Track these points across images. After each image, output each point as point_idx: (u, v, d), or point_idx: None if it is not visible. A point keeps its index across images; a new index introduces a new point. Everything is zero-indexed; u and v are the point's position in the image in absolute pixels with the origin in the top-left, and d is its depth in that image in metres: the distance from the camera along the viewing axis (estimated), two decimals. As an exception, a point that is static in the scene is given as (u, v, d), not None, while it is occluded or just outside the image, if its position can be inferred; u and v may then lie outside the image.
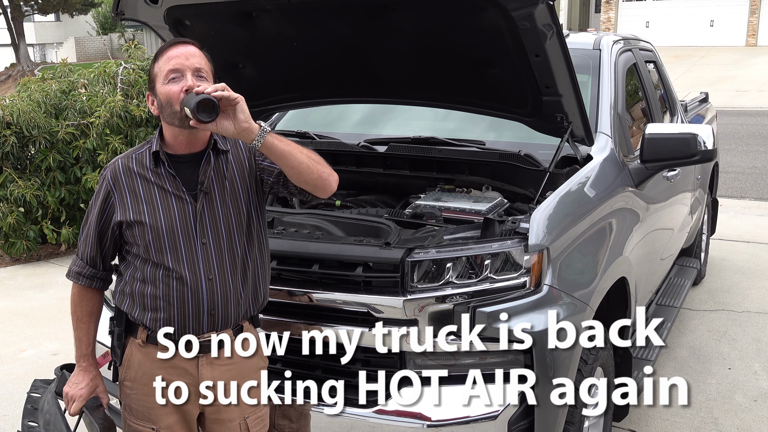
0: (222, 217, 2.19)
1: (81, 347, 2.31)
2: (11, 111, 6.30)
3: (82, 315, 2.30)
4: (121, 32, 36.77)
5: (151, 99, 2.20)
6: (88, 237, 2.25)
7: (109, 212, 2.21)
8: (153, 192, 2.18)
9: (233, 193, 2.22)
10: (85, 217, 2.27)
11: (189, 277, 2.14)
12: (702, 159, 3.43)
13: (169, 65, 2.13)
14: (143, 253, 2.17)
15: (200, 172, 2.19)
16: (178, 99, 2.08)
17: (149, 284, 2.17)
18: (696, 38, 24.66)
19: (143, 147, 2.25)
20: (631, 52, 4.18)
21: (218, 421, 2.24)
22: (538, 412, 2.48)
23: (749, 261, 6.18)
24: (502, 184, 3.28)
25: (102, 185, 2.23)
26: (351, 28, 2.99)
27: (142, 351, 2.21)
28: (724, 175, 8.62)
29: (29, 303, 5.63)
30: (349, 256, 2.54)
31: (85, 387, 2.30)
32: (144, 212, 2.16)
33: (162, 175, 2.19)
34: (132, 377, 2.24)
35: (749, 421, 3.73)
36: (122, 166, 2.22)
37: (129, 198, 2.18)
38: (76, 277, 2.28)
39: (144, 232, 2.16)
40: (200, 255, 2.16)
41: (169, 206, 2.17)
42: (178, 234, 2.15)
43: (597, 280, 2.82)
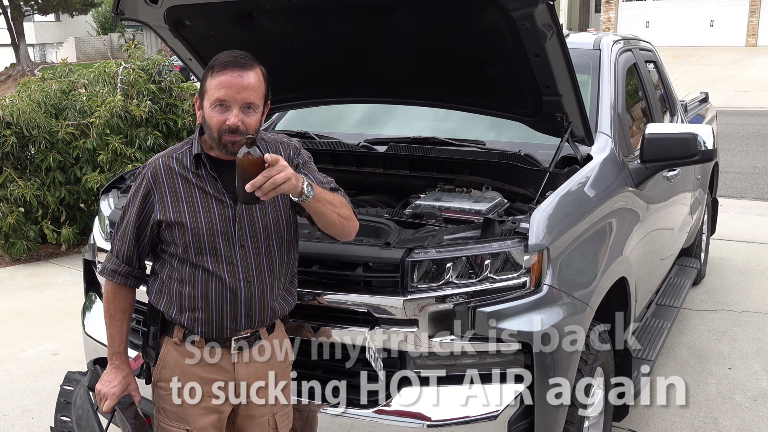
0: (260, 221, 2.22)
1: (114, 345, 2.28)
2: (11, 111, 6.30)
3: (116, 312, 2.27)
4: (121, 32, 36.79)
5: (198, 105, 2.20)
6: (126, 234, 2.22)
7: (148, 210, 2.20)
8: (194, 193, 2.18)
9: (273, 199, 2.20)
10: (122, 215, 2.25)
11: (228, 279, 2.17)
12: (702, 159, 3.43)
13: (218, 93, 2.10)
14: (182, 253, 2.17)
15: None
16: (218, 128, 2.10)
17: (187, 284, 2.18)
18: (696, 38, 24.67)
19: (183, 147, 2.24)
20: (631, 52, 4.18)
21: (249, 417, 2.30)
22: (538, 412, 2.48)
23: (749, 261, 6.18)
24: (502, 184, 3.28)
25: (141, 183, 2.21)
26: (351, 28, 2.99)
27: (179, 350, 2.22)
28: (724, 175, 8.62)
29: (29, 303, 5.63)
30: (349, 256, 2.54)
31: (117, 385, 2.27)
32: (185, 213, 2.16)
33: (203, 177, 2.19)
34: (167, 377, 2.23)
35: (749, 421, 3.73)
36: (163, 165, 2.21)
37: (169, 198, 2.18)
38: (111, 275, 2.25)
39: (184, 233, 2.16)
40: (239, 257, 2.19)
41: (209, 208, 2.18)
42: (218, 236, 2.17)
43: (597, 280, 2.82)
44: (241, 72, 2.11)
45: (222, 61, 2.13)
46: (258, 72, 2.16)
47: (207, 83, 2.14)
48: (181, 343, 2.22)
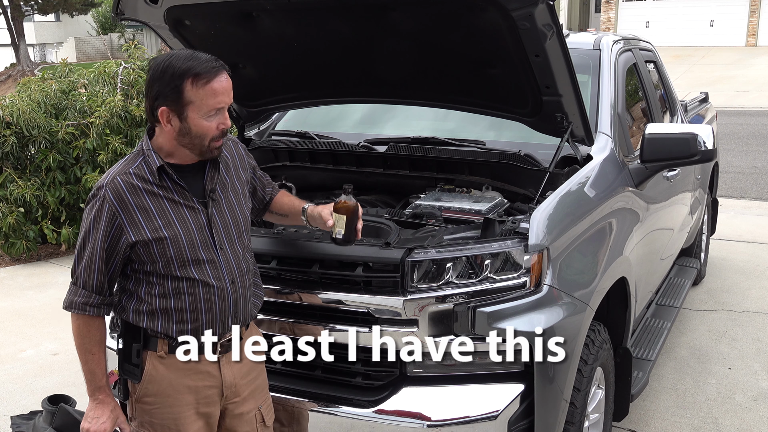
0: (230, 221, 2.23)
1: (95, 380, 2.18)
2: (11, 111, 6.30)
3: (92, 346, 2.17)
4: (121, 32, 36.78)
5: (168, 117, 2.08)
6: (93, 264, 2.11)
7: (115, 235, 2.09)
8: (164, 206, 2.12)
9: (234, 197, 2.26)
10: (81, 244, 2.13)
11: (215, 284, 2.17)
12: (702, 159, 3.43)
13: (215, 101, 2.06)
14: (162, 269, 2.12)
15: (206, 180, 2.19)
16: (211, 135, 2.09)
17: (172, 298, 2.14)
18: (696, 38, 24.67)
19: (136, 160, 2.14)
20: (631, 52, 4.18)
21: (238, 415, 2.30)
22: (538, 412, 2.48)
23: (749, 261, 6.18)
24: (502, 184, 3.28)
25: (103, 208, 2.08)
26: (351, 28, 2.99)
27: (165, 363, 2.18)
28: (724, 175, 8.62)
29: (29, 303, 5.63)
30: (349, 256, 2.54)
31: (107, 420, 2.19)
32: (161, 228, 2.10)
33: (169, 188, 2.13)
34: (155, 391, 2.19)
35: (749, 421, 3.73)
36: (124, 183, 2.09)
37: (140, 216, 2.09)
38: (82, 308, 2.13)
39: (164, 248, 2.10)
40: (221, 260, 2.19)
41: (183, 217, 2.14)
42: (198, 244, 2.15)
43: (597, 280, 2.82)
44: (222, 74, 2.09)
45: (205, 68, 2.06)
46: (227, 72, 2.15)
47: (191, 93, 2.04)
48: (167, 356, 2.18)
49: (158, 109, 2.07)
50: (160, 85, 2.06)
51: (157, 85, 2.06)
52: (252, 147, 3.70)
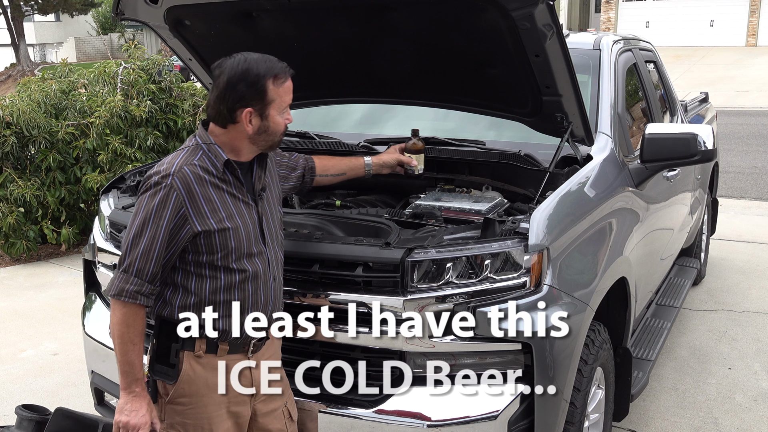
0: (272, 221, 2.32)
1: (133, 372, 2.14)
2: (11, 111, 6.30)
3: (134, 336, 2.12)
4: (121, 32, 36.80)
5: (250, 117, 2.17)
6: (152, 252, 2.09)
7: (179, 224, 2.10)
8: (225, 198, 2.18)
9: (273, 195, 2.38)
10: (139, 231, 2.10)
11: (262, 281, 2.24)
12: (702, 159, 3.43)
13: (288, 98, 2.22)
14: (220, 260, 2.15)
15: (255, 178, 2.28)
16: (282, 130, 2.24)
17: (224, 291, 2.17)
18: (696, 38, 24.67)
19: (197, 153, 2.18)
20: (631, 52, 4.18)
21: (268, 413, 2.35)
22: (538, 412, 2.48)
23: (749, 261, 6.18)
24: (502, 184, 3.28)
25: (170, 196, 2.09)
26: (351, 28, 2.99)
27: (201, 362, 2.20)
28: (724, 175, 8.62)
29: (29, 303, 5.63)
30: (349, 256, 2.54)
31: (146, 413, 2.15)
32: (224, 219, 2.15)
33: (230, 182, 2.20)
34: (190, 392, 2.20)
35: (749, 421, 3.73)
36: (192, 174, 2.12)
37: (206, 207, 2.13)
38: (133, 296, 2.10)
39: (227, 239, 2.14)
40: (268, 256, 2.26)
41: (241, 212, 2.21)
42: (252, 238, 2.21)
43: (597, 280, 2.82)
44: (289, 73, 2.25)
45: (281, 67, 2.21)
46: None
47: (273, 92, 2.18)
48: (204, 355, 2.20)
49: (241, 111, 2.16)
50: (243, 87, 2.15)
51: (240, 87, 2.15)
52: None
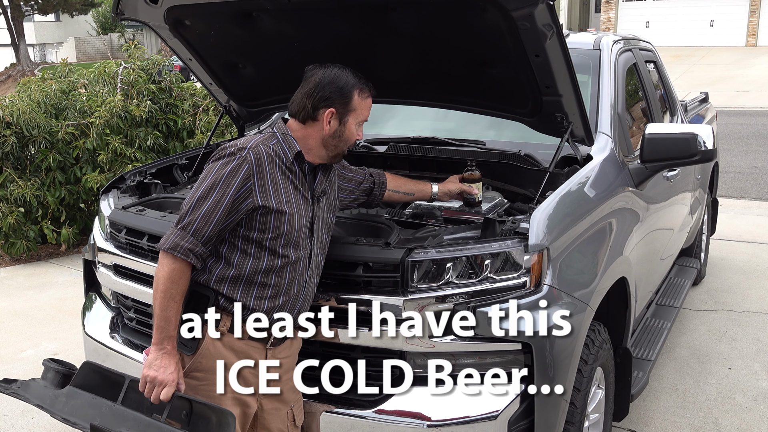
0: (323, 225, 2.40)
1: (169, 328, 2.16)
2: (11, 111, 6.30)
3: (176, 294, 2.17)
4: (121, 32, 36.80)
5: (331, 118, 2.34)
6: (213, 215, 2.16)
7: (244, 194, 2.19)
8: (288, 186, 2.28)
9: (330, 204, 2.47)
10: (205, 194, 2.18)
11: (300, 273, 2.30)
12: (702, 159, 3.43)
13: (367, 113, 2.40)
14: (269, 242, 2.22)
15: (317, 183, 2.39)
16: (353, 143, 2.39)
17: (261, 273, 2.24)
18: (696, 38, 24.67)
19: (272, 140, 2.30)
20: (631, 52, 4.18)
21: (272, 411, 2.37)
22: (538, 412, 2.48)
23: (749, 261, 6.18)
24: (502, 184, 3.28)
25: (241, 165, 2.19)
26: (351, 27, 2.99)
27: (222, 340, 2.24)
28: (724, 175, 8.62)
29: (29, 303, 5.63)
30: (349, 256, 2.54)
31: (175, 370, 2.16)
32: (284, 203, 2.24)
33: (297, 173, 2.30)
34: (206, 367, 2.24)
35: (749, 421, 3.73)
36: (266, 152, 2.24)
37: (270, 186, 2.23)
38: (186, 253, 2.15)
39: (281, 222, 2.23)
40: (312, 254, 2.34)
41: (299, 203, 2.30)
42: (303, 231, 2.29)
43: (597, 280, 2.82)
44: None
45: (369, 86, 2.41)
46: None
47: (356, 102, 2.36)
48: (227, 334, 2.24)
49: (324, 110, 2.33)
50: (331, 89, 2.32)
51: (329, 89, 2.32)
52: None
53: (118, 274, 3.09)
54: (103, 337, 3.16)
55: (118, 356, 3.05)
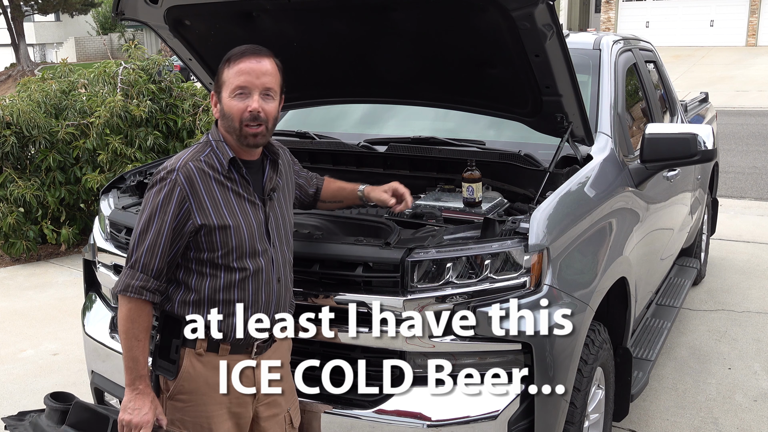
0: (281, 222, 2.30)
1: (138, 368, 2.13)
2: (11, 111, 6.30)
3: (139, 332, 2.12)
4: (121, 32, 36.80)
5: (215, 101, 2.22)
6: (156, 247, 2.10)
7: (183, 218, 2.11)
8: (229, 197, 2.18)
9: (285, 198, 2.36)
10: (145, 227, 2.12)
11: (264, 280, 2.21)
12: (702, 159, 3.43)
13: (238, 80, 2.14)
14: (220, 258, 2.14)
15: (265, 180, 2.28)
16: (240, 117, 2.14)
17: (223, 290, 2.16)
18: (696, 38, 24.67)
19: (205, 150, 2.20)
20: (631, 52, 4.18)
21: (269, 417, 2.33)
22: (538, 412, 2.48)
23: (749, 261, 6.18)
24: (502, 184, 3.28)
25: (173, 189, 2.10)
26: (351, 28, 2.99)
27: (202, 360, 2.19)
28: (724, 175, 8.62)
29: (29, 303, 5.63)
30: (349, 256, 2.54)
31: (149, 411, 2.14)
32: (226, 216, 2.14)
33: (236, 180, 2.20)
34: (190, 389, 2.20)
35: (749, 421, 3.73)
36: (196, 169, 2.14)
37: (208, 202, 2.13)
38: (139, 291, 2.11)
39: (227, 237, 2.14)
40: (272, 257, 2.24)
41: (245, 211, 2.19)
42: (256, 238, 2.19)
43: (597, 280, 2.82)
44: (258, 58, 2.17)
45: (239, 50, 2.18)
46: (273, 62, 2.23)
47: (224, 74, 2.17)
48: (205, 354, 2.19)
49: (211, 97, 2.24)
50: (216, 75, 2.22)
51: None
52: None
53: (118, 274, 3.09)
54: (103, 337, 3.15)
55: (117, 356, 3.04)
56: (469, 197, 2.97)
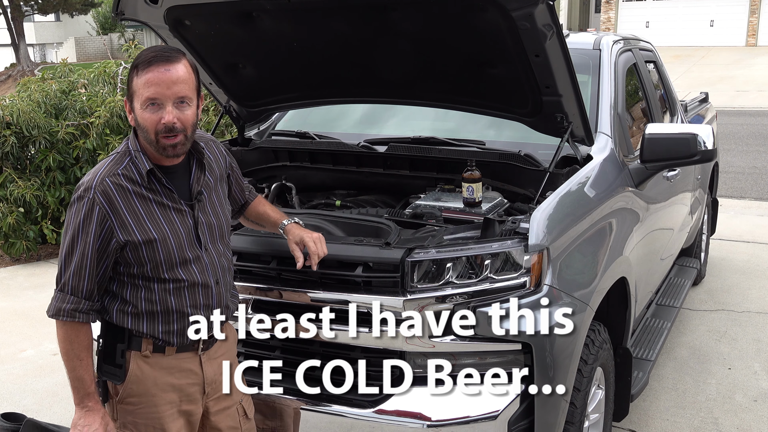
0: (214, 222, 2.24)
1: (84, 386, 2.13)
2: (11, 111, 6.30)
3: (80, 351, 2.12)
4: (121, 32, 36.77)
5: (129, 108, 2.11)
6: (83, 269, 2.07)
7: (106, 237, 2.05)
8: (152, 208, 2.10)
9: (217, 198, 2.28)
10: (69, 249, 2.08)
11: (201, 285, 2.19)
12: (702, 159, 3.43)
13: (147, 92, 2.02)
14: (150, 272, 2.11)
15: (192, 183, 2.20)
16: (154, 129, 2.04)
17: (158, 302, 2.14)
18: (696, 38, 24.66)
19: (124, 160, 2.11)
20: (631, 52, 4.18)
21: (220, 411, 2.32)
22: (538, 412, 2.48)
23: (749, 261, 6.18)
24: (502, 184, 3.28)
25: (92, 208, 2.04)
26: (351, 28, 2.99)
27: (149, 362, 2.18)
28: (724, 175, 8.61)
29: (29, 303, 5.63)
30: (349, 256, 2.54)
31: (99, 426, 2.13)
32: (150, 230, 2.08)
33: (158, 191, 2.12)
34: (139, 391, 2.18)
35: (749, 421, 3.73)
36: (113, 185, 2.06)
37: (130, 218, 2.06)
38: (71, 314, 2.09)
39: (154, 251, 2.09)
40: (206, 261, 2.20)
41: (171, 220, 2.13)
42: (185, 245, 2.14)
43: (597, 280, 2.82)
44: (167, 66, 2.03)
45: (146, 57, 2.03)
46: (185, 63, 2.09)
47: (134, 83, 2.04)
48: (152, 355, 2.17)
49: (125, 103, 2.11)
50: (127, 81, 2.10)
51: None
52: (252, 147, 3.70)
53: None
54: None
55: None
56: (469, 197, 2.97)
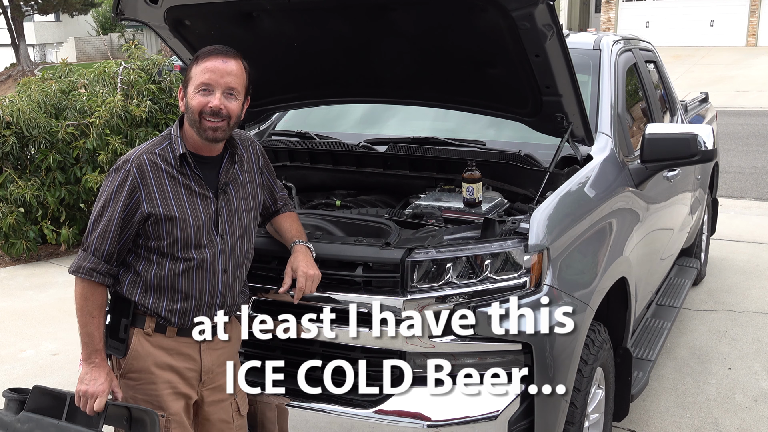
0: (237, 216, 2.37)
1: (93, 343, 2.26)
2: (11, 111, 6.30)
3: (93, 309, 2.25)
4: (121, 32, 36.77)
5: (182, 95, 2.30)
6: (108, 232, 2.22)
7: (133, 207, 2.22)
8: (180, 190, 2.26)
9: (246, 195, 2.41)
10: (99, 213, 2.24)
11: (209, 270, 2.29)
12: (702, 159, 3.42)
13: (203, 77, 2.23)
14: (166, 248, 2.25)
15: (221, 173, 2.35)
16: (200, 109, 2.22)
17: (167, 278, 2.26)
18: (696, 38, 24.66)
19: (163, 143, 2.30)
20: (631, 52, 4.18)
21: (214, 402, 2.41)
22: (538, 412, 2.48)
23: (749, 261, 6.18)
24: (502, 184, 3.28)
25: (126, 179, 2.22)
26: (351, 28, 2.99)
27: (150, 340, 2.29)
28: (724, 175, 8.61)
29: (29, 303, 5.63)
30: (349, 256, 2.54)
31: (105, 381, 2.25)
32: (173, 208, 2.24)
33: (188, 175, 2.28)
34: (139, 368, 2.30)
35: (749, 421, 3.73)
36: (148, 161, 2.25)
37: (157, 193, 2.23)
38: (89, 273, 2.23)
39: (173, 228, 2.23)
40: (219, 248, 2.31)
41: (194, 204, 2.27)
42: (203, 230, 2.28)
43: (597, 280, 2.82)
44: (225, 59, 2.25)
45: (207, 50, 2.27)
46: (240, 63, 2.30)
47: (192, 71, 2.26)
48: (153, 334, 2.29)
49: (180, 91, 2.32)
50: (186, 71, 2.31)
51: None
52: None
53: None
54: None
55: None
56: (469, 197, 2.97)
